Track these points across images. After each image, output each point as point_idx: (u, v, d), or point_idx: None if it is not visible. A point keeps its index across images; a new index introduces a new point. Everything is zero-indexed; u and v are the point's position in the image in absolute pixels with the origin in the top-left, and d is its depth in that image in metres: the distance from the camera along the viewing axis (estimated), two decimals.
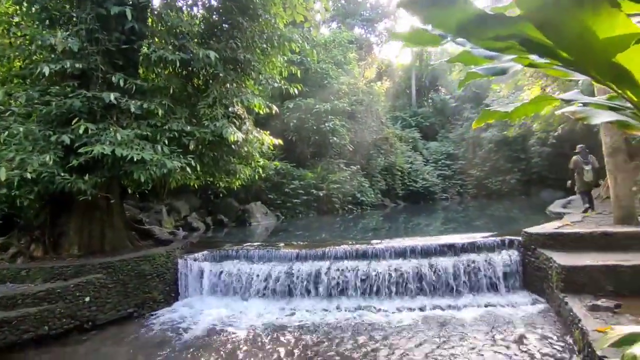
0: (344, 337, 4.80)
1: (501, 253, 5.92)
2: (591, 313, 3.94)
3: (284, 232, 13.24)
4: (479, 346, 4.30)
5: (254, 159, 9.43)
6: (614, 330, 1.73)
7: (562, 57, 1.29)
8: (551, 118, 14.45)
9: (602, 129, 6.17)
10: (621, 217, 5.88)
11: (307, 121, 17.91)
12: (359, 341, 4.63)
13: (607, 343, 1.71)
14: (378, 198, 19.58)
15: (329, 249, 6.51)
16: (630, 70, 1.28)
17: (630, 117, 1.47)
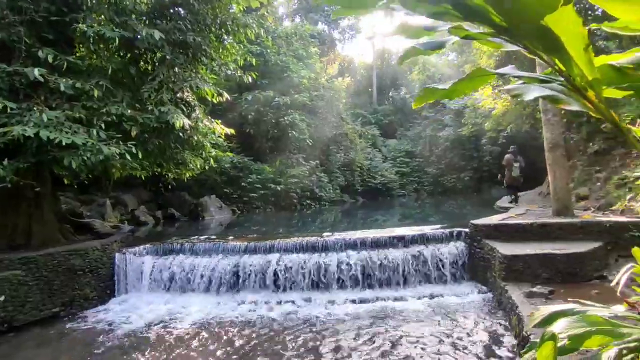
0: (287, 331, 4.62)
1: (449, 244, 6.00)
2: (527, 300, 4.03)
3: (240, 226, 12.87)
4: (422, 336, 4.29)
5: (205, 149, 9.00)
6: (539, 310, 1.66)
7: (495, 23, 1.18)
8: (501, 118, 15.12)
9: (544, 125, 6.42)
10: (558, 210, 6.16)
11: (265, 114, 17.54)
12: (301, 335, 4.48)
13: (533, 323, 1.63)
14: (337, 194, 19.61)
15: (278, 241, 6.31)
16: (558, 35, 1.19)
17: (560, 91, 1.39)
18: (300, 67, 19.83)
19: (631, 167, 7.64)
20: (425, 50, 1.60)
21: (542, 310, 1.61)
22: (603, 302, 4.01)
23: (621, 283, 1.47)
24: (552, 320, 1.44)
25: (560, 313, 1.44)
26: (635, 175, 6.92)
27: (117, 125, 6.36)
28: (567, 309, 1.49)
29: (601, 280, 4.65)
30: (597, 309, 1.38)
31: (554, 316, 1.45)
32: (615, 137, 9.26)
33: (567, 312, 1.46)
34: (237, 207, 15.60)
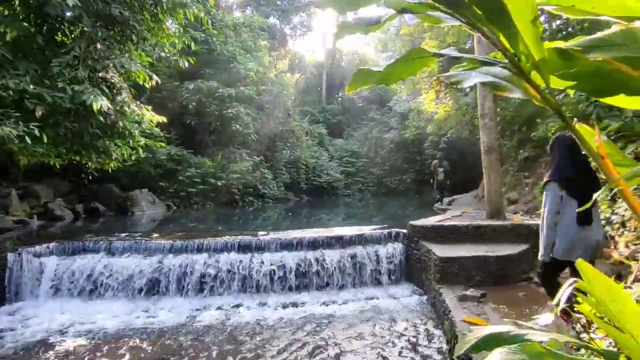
0: (210, 341, 4.15)
1: (387, 245, 5.88)
2: (460, 303, 3.95)
3: (174, 222, 11.97)
4: (355, 341, 4.05)
5: (133, 138, 8.13)
6: (472, 332, 1.38)
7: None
8: (443, 123, 15.67)
9: (480, 129, 6.55)
10: (491, 212, 6.31)
11: (208, 105, 16.63)
12: (225, 345, 4.04)
13: (464, 347, 1.33)
14: (281, 191, 19.18)
15: (207, 240, 5.78)
16: (506, 4, 0.94)
17: (503, 77, 1.13)
18: (248, 59, 19.09)
19: None
20: (359, 26, 1.27)
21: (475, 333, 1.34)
22: (530, 303, 4.03)
23: (564, 298, 1.26)
24: (485, 345, 1.19)
25: (494, 337, 1.19)
26: None
27: (18, 103, 5.43)
28: (502, 332, 1.23)
29: (528, 282, 4.75)
30: (536, 334, 1.15)
31: (487, 341, 1.19)
32: (542, 145, 9.87)
33: (502, 335, 1.20)
34: (173, 202, 14.57)
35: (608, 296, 1.06)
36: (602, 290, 1.08)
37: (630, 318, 1.02)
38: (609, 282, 1.09)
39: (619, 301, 1.04)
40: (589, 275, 1.12)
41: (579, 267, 1.17)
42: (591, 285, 1.12)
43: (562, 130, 8.46)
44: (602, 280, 1.09)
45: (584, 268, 1.14)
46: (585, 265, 1.15)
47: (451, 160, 14.73)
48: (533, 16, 0.99)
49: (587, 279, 1.13)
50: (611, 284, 1.07)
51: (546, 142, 9.66)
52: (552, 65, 1.06)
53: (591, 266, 1.13)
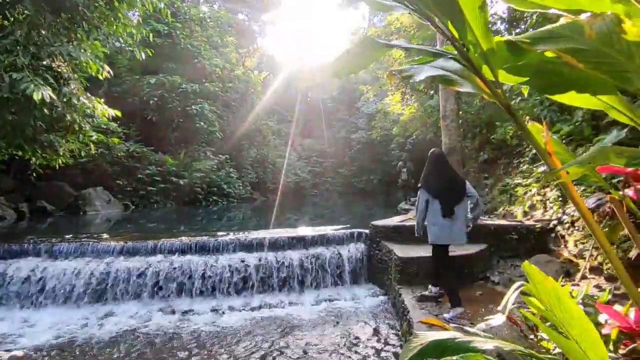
0: (160, 348, 3.89)
1: (349, 246, 5.81)
2: (419, 304, 3.93)
3: (133, 223, 11.36)
4: (314, 345, 3.93)
5: (83, 132, 7.61)
6: (417, 339, 1.28)
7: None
8: (408, 124, 15.93)
9: (442, 130, 6.64)
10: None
11: (171, 101, 16.01)
12: (178, 353, 3.79)
13: (408, 355, 1.24)
14: (247, 191, 18.82)
15: (162, 241, 5.47)
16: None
17: (454, 71, 1.06)
18: (214, 54, 18.57)
19: (512, 175, 8.39)
20: None
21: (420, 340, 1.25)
22: (486, 302, 4.07)
23: (510, 302, 1.20)
24: (430, 352, 1.11)
25: (439, 344, 1.10)
26: (515, 182, 7.58)
27: None
28: (447, 339, 1.15)
29: (485, 281, 4.82)
30: (480, 341, 1.08)
31: (432, 348, 1.11)
32: (500, 147, 10.22)
33: (447, 342, 1.13)
34: (132, 201, 13.89)
35: (554, 301, 0.99)
36: (548, 294, 1.02)
37: (575, 324, 0.95)
38: (555, 286, 1.02)
39: (564, 306, 0.97)
40: (536, 278, 1.05)
41: (526, 269, 1.11)
42: (537, 289, 1.05)
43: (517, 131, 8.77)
44: (548, 285, 1.02)
45: (530, 272, 1.07)
46: (532, 268, 1.08)
47: (415, 161, 15.07)
48: (480, 2, 0.91)
49: (533, 282, 1.07)
50: (557, 289, 1.01)
51: (505, 144, 10.05)
52: (502, 58, 0.99)
53: (538, 269, 1.06)
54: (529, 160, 7.43)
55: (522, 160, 7.92)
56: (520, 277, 4.73)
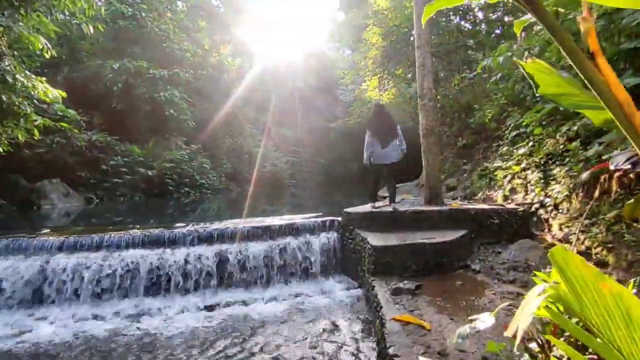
0: (102, 356, 3.34)
1: (320, 235, 5.35)
2: (393, 297, 3.51)
3: (95, 217, 10.59)
4: (277, 343, 3.47)
5: (26, 117, 6.83)
6: None
7: None
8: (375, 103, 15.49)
9: (419, 110, 6.22)
10: (429, 198, 6.02)
11: (137, 87, 15.07)
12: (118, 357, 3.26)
13: None
14: (222, 181, 18.10)
15: (109, 235, 4.86)
16: None
17: None
18: (184, 39, 17.62)
19: (491, 160, 8.10)
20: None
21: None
22: (467, 294, 3.68)
23: (520, 330, 0.75)
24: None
25: None
26: (494, 166, 7.28)
27: None
28: None
29: (465, 269, 4.46)
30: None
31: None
32: (479, 132, 9.94)
33: None
34: (96, 194, 13.03)
35: (592, 293, 0.53)
36: (581, 282, 0.56)
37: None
38: (594, 271, 0.56)
39: (610, 298, 0.51)
40: (564, 261, 0.59)
41: (553, 255, 0.64)
42: (566, 276, 0.59)
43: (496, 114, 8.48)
44: (583, 269, 0.56)
45: (558, 255, 0.61)
46: (561, 251, 0.62)
47: None
48: None
49: (560, 266, 0.60)
50: (616, 288, 0.55)
51: (483, 128, 9.76)
52: None
53: (567, 251, 0.60)
54: (508, 142, 7.12)
55: (502, 142, 7.62)
56: (502, 264, 4.39)
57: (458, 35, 11.74)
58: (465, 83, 10.55)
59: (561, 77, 1.29)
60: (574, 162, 4.65)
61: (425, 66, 6.05)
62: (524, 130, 6.70)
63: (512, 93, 7.63)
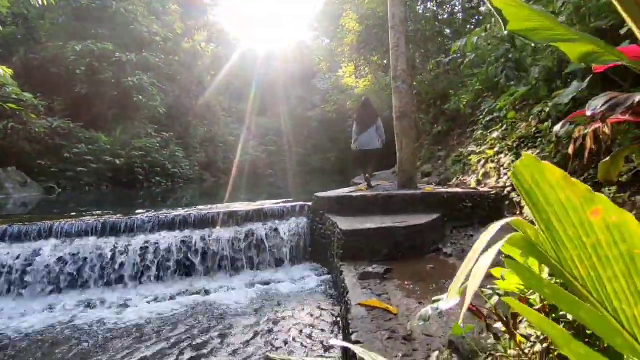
0: (47, 352, 3.03)
1: (289, 221, 5.13)
2: (361, 282, 3.34)
3: (57, 207, 9.98)
4: (240, 333, 3.26)
5: None
6: None
7: None
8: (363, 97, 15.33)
9: (393, 93, 6.05)
10: (403, 182, 5.89)
11: (103, 71, 14.30)
12: (71, 354, 2.96)
13: None
14: (196, 171, 17.55)
15: (59, 223, 4.48)
16: None
17: None
18: (153, 21, 16.81)
19: (465, 145, 8.06)
20: None
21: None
22: (438, 277, 3.56)
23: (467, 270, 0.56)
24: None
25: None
26: (469, 150, 7.22)
27: None
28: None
29: (437, 253, 4.35)
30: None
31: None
32: (455, 119, 9.91)
33: None
34: (58, 183, 12.33)
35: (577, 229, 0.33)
36: (561, 211, 0.35)
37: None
38: (582, 191, 0.36)
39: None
40: (533, 179, 0.38)
41: (517, 170, 0.44)
42: (536, 203, 0.38)
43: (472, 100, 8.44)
44: (566, 188, 0.35)
45: (524, 168, 0.40)
46: (529, 161, 0.42)
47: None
48: None
49: (526, 189, 0.38)
50: (589, 197, 0.34)
51: (458, 115, 9.73)
52: None
53: (540, 162, 0.39)
54: (482, 127, 7.07)
55: (476, 128, 7.58)
56: None
57: (434, 22, 11.62)
58: (441, 69, 10.47)
59: (532, 9, 1.09)
60: (546, 143, 4.59)
61: (400, 47, 5.86)
62: (497, 114, 6.66)
63: (486, 78, 7.58)
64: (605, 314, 0.32)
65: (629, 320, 0.30)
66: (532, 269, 0.37)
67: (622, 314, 0.31)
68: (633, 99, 0.84)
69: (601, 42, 0.86)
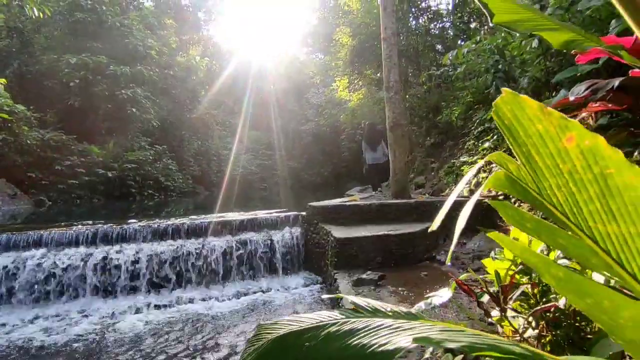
0: None
1: (283, 230, 5.11)
2: (355, 289, 3.33)
3: (47, 221, 9.83)
4: (231, 343, 3.20)
5: None
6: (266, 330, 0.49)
7: None
8: (357, 111, 15.51)
9: (386, 103, 6.14)
10: (396, 191, 5.93)
11: (96, 84, 14.32)
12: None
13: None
14: (188, 184, 17.45)
15: (48, 232, 4.42)
16: None
17: None
18: (148, 35, 16.95)
19: (457, 156, 8.16)
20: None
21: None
22: (431, 283, 3.56)
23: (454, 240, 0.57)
24: None
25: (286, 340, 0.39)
26: (461, 161, 7.30)
27: None
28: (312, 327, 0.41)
29: (431, 261, 4.35)
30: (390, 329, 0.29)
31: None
32: (447, 131, 10.04)
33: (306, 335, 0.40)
34: (48, 196, 12.17)
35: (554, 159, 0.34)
36: (539, 141, 0.36)
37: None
38: (556, 119, 0.37)
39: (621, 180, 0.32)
40: (512, 113, 0.39)
41: (497, 106, 0.45)
42: (515, 135, 0.39)
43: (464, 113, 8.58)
44: (542, 118, 0.36)
45: (504, 104, 0.41)
46: (510, 98, 0.43)
47: None
48: None
49: (505, 123, 0.40)
50: (563, 124, 0.36)
51: (451, 127, 9.86)
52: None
53: (518, 95, 0.41)
54: (474, 137, 7.17)
55: (468, 139, 7.68)
56: (467, 254, 4.30)
57: (426, 37, 11.89)
58: (433, 83, 10.66)
59: (516, 3, 1.14)
60: None
61: (392, 58, 5.98)
62: (488, 125, 6.77)
63: (477, 90, 7.73)
64: (582, 235, 0.33)
65: (603, 238, 0.32)
66: (513, 205, 0.39)
67: (597, 232, 0.32)
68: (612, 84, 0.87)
69: (581, 31, 0.90)
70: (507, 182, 0.39)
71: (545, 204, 0.35)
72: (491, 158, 0.40)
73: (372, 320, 0.44)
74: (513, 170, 0.38)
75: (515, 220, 0.38)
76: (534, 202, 0.36)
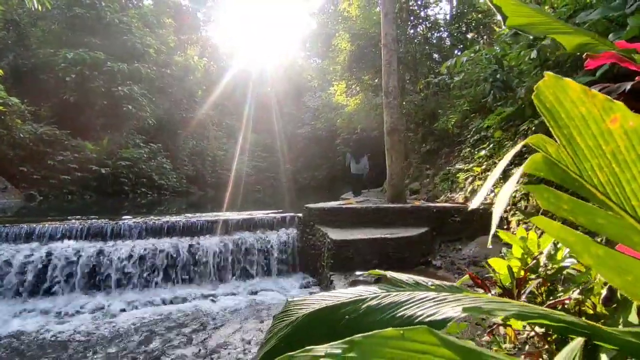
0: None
1: (279, 231, 5.10)
2: None
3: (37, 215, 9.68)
4: (223, 342, 3.17)
5: None
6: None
7: None
8: (353, 116, 15.58)
9: (384, 108, 6.18)
10: (392, 196, 5.95)
11: (93, 80, 14.23)
12: None
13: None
14: (182, 184, 17.34)
15: (41, 226, 4.36)
16: None
17: None
18: (147, 33, 16.90)
19: (453, 163, 8.22)
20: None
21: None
22: None
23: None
24: None
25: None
26: (456, 168, 7.36)
27: None
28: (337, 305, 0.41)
29: (426, 265, 4.37)
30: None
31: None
32: (443, 138, 10.12)
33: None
34: (39, 191, 12.01)
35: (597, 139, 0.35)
36: (581, 123, 0.37)
37: None
38: (600, 102, 0.38)
39: None
40: (555, 96, 0.40)
41: (539, 89, 0.47)
42: (558, 119, 0.40)
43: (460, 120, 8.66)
44: (586, 100, 0.37)
45: (546, 87, 0.42)
46: (552, 80, 0.45)
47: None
48: None
49: (547, 106, 0.41)
50: (607, 106, 0.37)
51: (446, 134, 9.95)
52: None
53: (561, 78, 0.42)
54: (470, 145, 7.24)
55: (464, 146, 7.75)
56: (463, 260, 4.33)
57: (424, 45, 12.02)
58: (430, 90, 10.76)
59: (529, 6, 1.17)
60: None
61: (391, 64, 6.03)
62: (485, 134, 6.84)
63: (474, 99, 7.82)
64: (624, 214, 0.34)
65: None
66: (549, 187, 0.40)
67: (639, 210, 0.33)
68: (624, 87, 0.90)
69: (595, 35, 0.92)
70: (545, 165, 0.40)
71: (586, 185, 0.36)
72: (531, 140, 0.41)
73: (414, 293, 0.45)
74: (552, 152, 0.39)
75: (550, 202, 0.39)
76: (573, 184, 0.37)
